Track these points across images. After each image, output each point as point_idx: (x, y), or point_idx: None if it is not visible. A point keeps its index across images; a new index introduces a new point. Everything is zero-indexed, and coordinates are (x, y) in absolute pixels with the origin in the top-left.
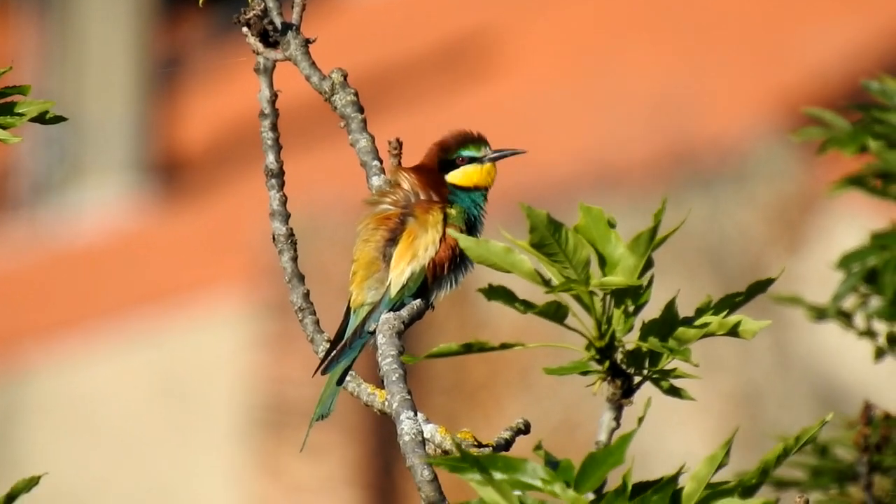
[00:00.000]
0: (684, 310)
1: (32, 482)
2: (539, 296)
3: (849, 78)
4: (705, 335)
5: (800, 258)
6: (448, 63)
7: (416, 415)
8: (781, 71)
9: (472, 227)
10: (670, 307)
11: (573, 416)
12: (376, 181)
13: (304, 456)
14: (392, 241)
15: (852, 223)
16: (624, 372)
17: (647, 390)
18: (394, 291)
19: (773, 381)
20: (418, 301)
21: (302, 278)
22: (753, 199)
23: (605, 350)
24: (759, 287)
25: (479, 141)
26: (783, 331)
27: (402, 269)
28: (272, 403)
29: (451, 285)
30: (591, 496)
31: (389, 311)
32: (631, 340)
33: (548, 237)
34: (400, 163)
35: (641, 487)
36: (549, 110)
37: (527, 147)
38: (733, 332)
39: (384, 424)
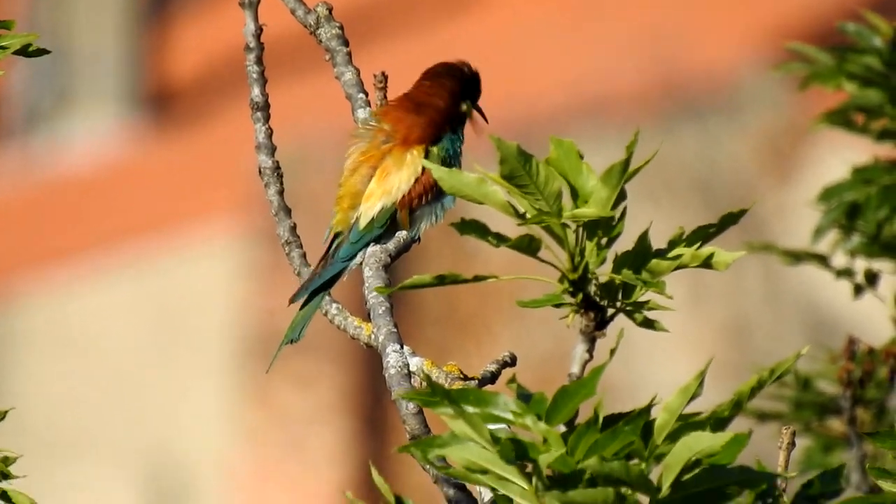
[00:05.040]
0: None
1: None
2: (517, 228)
3: (840, 9)
4: (678, 267)
5: (791, 189)
6: None
7: (402, 348)
8: (773, 1)
9: (449, 164)
10: (643, 239)
11: (563, 345)
12: (361, 114)
13: (294, 385)
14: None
15: (844, 154)
16: (597, 304)
17: (628, 322)
18: (362, 224)
19: (764, 313)
20: (404, 233)
21: (289, 211)
22: (745, 130)
23: (578, 282)
24: (732, 218)
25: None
26: (774, 261)
27: (372, 203)
28: (263, 333)
29: (433, 219)
30: (562, 428)
31: (358, 243)
32: (604, 273)
33: (518, 169)
34: (385, 96)
35: (613, 419)
36: (537, 41)
37: (515, 78)
38: (706, 263)
39: (374, 355)
